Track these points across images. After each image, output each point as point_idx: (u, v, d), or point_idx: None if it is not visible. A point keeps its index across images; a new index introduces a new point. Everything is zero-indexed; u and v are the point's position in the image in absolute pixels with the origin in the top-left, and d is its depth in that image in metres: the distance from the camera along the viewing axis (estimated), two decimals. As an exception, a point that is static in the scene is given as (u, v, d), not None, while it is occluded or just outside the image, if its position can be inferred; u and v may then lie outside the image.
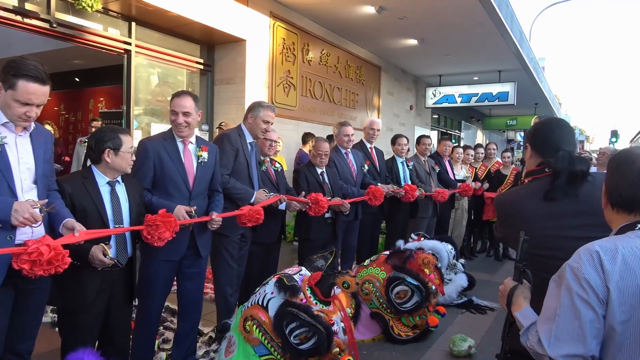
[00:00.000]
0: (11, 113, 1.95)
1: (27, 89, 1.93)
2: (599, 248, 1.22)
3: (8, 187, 1.93)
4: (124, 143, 2.43)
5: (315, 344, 2.48)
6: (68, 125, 9.99)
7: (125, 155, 2.44)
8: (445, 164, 6.24)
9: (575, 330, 1.18)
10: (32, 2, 4.96)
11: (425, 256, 3.82)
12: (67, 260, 1.88)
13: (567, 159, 1.69)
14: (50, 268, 1.81)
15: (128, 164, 2.48)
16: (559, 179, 1.68)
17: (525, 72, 11.96)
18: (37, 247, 1.78)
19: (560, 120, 1.89)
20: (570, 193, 1.67)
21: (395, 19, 8.06)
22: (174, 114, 2.78)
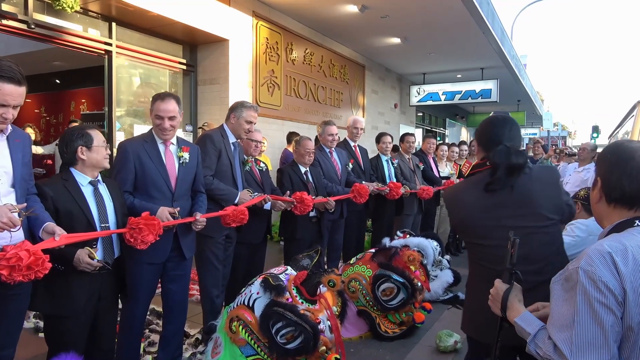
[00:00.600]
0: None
1: (3, 90, 1.90)
2: (610, 249, 1.18)
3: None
4: (95, 137, 2.38)
5: (301, 343, 2.48)
6: (49, 127, 9.84)
7: (99, 149, 2.40)
8: (430, 162, 6.28)
9: (597, 337, 1.13)
10: (8, 3, 4.87)
11: (411, 253, 3.84)
12: (47, 265, 1.85)
13: (504, 152, 1.79)
14: (30, 273, 1.78)
15: (104, 157, 2.43)
16: (498, 172, 1.77)
17: (507, 69, 12.11)
18: (16, 252, 1.75)
19: (504, 118, 1.97)
20: (507, 185, 1.77)
21: (378, 18, 8.09)
22: (158, 118, 2.74)
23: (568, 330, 1.17)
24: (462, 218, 1.90)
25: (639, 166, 1.26)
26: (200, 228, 2.84)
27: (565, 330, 1.18)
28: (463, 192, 1.93)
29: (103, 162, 2.43)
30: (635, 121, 7.33)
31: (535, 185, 1.79)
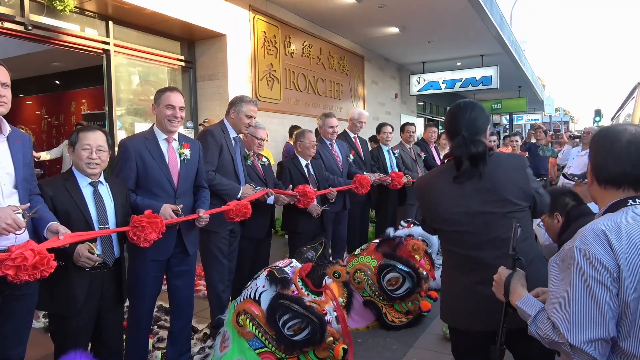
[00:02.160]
0: None
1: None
2: (603, 227, 1.20)
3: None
4: (79, 140, 2.34)
5: (309, 335, 2.49)
6: (51, 129, 9.85)
7: (79, 152, 2.32)
8: (432, 151, 6.26)
9: (593, 313, 1.15)
10: (4, 5, 4.86)
11: (415, 242, 3.85)
12: (52, 264, 1.86)
13: (462, 145, 1.81)
14: (36, 272, 1.80)
15: (83, 161, 2.32)
16: (462, 165, 1.80)
17: (507, 55, 12.03)
18: (21, 252, 1.76)
19: (461, 105, 1.95)
20: (474, 175, 1.80)
21: (375, 8, 8.05)
22: (170, 108, 2.74)
23: (565, 309, 1.19)
24: (432, 206, 1.93)
25: (622, 148, 1.29)
26: (204, 224, 2.85)
27: (562, 309, 1.20)
28: (433, 182, 1.97)
29: (84, 167, 2.33)
30: (636, 103, 7.28)
31: (501, 172, 1.82)
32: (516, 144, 6.64)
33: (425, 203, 1.99)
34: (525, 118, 28.49)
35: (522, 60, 14.27)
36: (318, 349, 2.56)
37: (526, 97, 19.22)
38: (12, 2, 4.93)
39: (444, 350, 3.35)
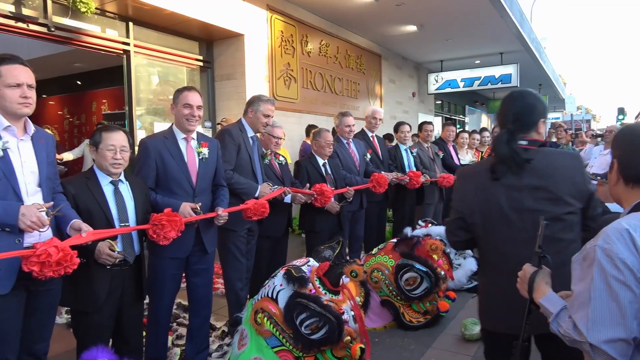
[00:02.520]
0: (9, 103, 1.97)
1: (12, 70, 1.98)
2: (628, 226, 1.17)
3: (13, 191, 1.95)
4: (103, 140, 2.37)
5: (326, 334, 2.49)
6: (72, 128, 10.04)
7: (103, 152, 2.37)
8: (450, 150, 6.21)
9: (614, 313, 1.12)
10: (29, 7, 4.97)
11: (433, 242, 3.82)
12: (75, 260, 1.90)
13: (499, 141, 1.75)
14: (60, 269, 1.84)
15: (108, 162, 2.37)
16: (501, 160, 1.74)
17: (527, 53, 11.86)
18: (45, 249, 1.80)
19: (513, 94, 1.87)
20: (511, 172, 1.73)
21: (392, 6, 8.00)
22: (187, 107, 2.77)
23: (585, 308, 1.17)
24: (475, 200, 1.81)
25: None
26: (222, 223, 2.87)
27: (583, 308, 1.18)
28: (479, 174, 1.85)
29: (108, 167, 2.38)
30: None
31: (554, 169, 1.73)
32: None
33: (467, 196, 1.86)
34: (545, 117, 27.98)
35: (542, 57, 14.05)
36: (335, 348, 2.56)
37: (547, 95, 18.92)
38: (35, 4, 5.04)
39: (462, 351, 3.32)
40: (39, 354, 2.17)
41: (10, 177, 1.95)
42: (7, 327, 1.98)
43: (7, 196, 1.93)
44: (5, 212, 1.86)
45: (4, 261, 1.89)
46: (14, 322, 2.01)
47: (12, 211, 1.86)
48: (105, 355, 1.96)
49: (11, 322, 2.00)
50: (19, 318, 2.03)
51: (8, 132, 1.99)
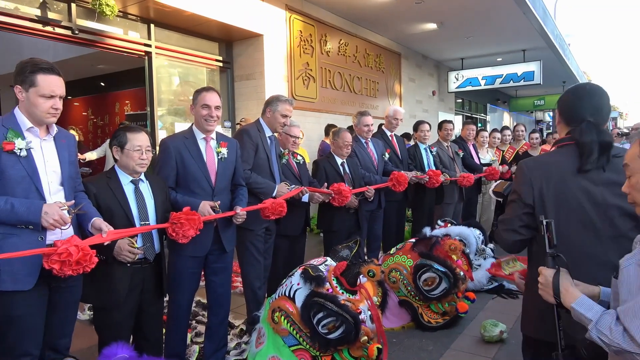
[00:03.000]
0: (39, 111, 2.02)
1: (48, 81, 2.02)
2: None
3: (36, 190, 2.01)
4: (129, 140, 2.42)
5: (343, 333, 2.49)
6: (96, 129, 10.26)
7: (130, 153, 2.41)
8: (470, 149, 6.13)
9: None
10: (53, 11, 5.10)
11: (452, 242, 3.78)
12: (94, 260, 1.94)
13: (591, 131, 1.67)
14: (79, 268, 1.88)
15: (135, 162, 2.42)
16: (591, 152, 1.65)
17: (550, 50, 11.62)
18: (66, 247, 1.85)
19: (590, 88, 1.81)
20: (602, 164, 1.66)
21: (412, 4, 7.94)
22: (206, 108, 2.81)
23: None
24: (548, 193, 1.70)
25: None
26: (241, 221, 2.89)
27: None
28: (552, 166, 1.74)
29: (135, 167, 2.43)
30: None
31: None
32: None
33: (538, 189, 1.73)
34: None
35: (566, 54, 13.75)
36: (352, 348, 2.56)
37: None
38: (60, 8, 5.17)
39: (481, 353, 3.28)
40: (61, 349, 2.23)
41: (34, 176, 2.01)
42: (30, 323, 2.04)
43: (30, 195, 1.99)
44: (29, 210, 1.92)
45: (27, 258, 1.95)
46: (37, 317, 2.07)
47: (35, 209, 1.92)
48: (125, 351, 2.00)
49: (34, 317, 2.05)
50: (42, 314, 2.09)
51: (31, 133, 2.05)
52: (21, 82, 2.01)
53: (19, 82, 2.01)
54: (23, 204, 1.92)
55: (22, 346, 2.04)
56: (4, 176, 1.95)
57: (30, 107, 2.02)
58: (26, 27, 4.91)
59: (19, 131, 2.00)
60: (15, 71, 2.03)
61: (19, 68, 2.02)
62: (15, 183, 1.97)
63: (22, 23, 4.85)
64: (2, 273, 1.93)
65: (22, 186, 1.98)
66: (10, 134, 1.97)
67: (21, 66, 2.02)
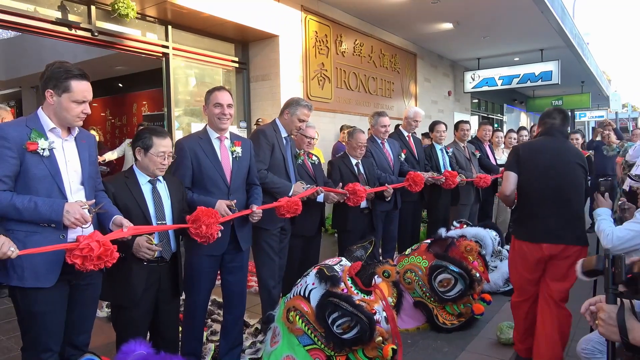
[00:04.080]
0: (70, 115, 2.08)
1: (81, 87, 2.09)
2: None
3: (58, 189, 2.06)
4: (154, 145, 2.45)
5: (358, 333, 2.49)
6: (114, 129, 10.42)
7: (154, 158, 2.45)
8: (486, 149, 6.07)
9: None
10: (73, 13, 5.19)
11: (468, 243, 3.75)
12: (115, 255, 1.98)
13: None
14: (100, 263, 1.92)
15: (156, 167, 2.47)
16: None
17: (569, 49, 11.45)
18: (87, 242, 1.89)
19: None
20: None
21: (428, 4, 7.90)
22: (218, 106, 2.83)
23: None
24: None
25: None
26: (257, 220, 2.91)
27: None
28: None
29: (155, 171, 2.48)
30: None
31: None
32: (577, 142, 6.27)
33: None
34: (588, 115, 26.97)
35: (585, 54, 13.53)
36: (367, 348, 2.56)
37: (589, 93, 18.21)
38: (80, 10, 5.26)
39: (497, 356, 3.25)
40: (81, 345, 2.27)
41: (56, 176, 2.06)
42: (51, 319, 2.08)
43: (52, 193, 2.04)
44: (51, 209, 1.96)
45: (49, 256, 1.99)
46: (58, 314, 2.11)
47: (57, 208, 1.96)
48: (143, 348, 2.03)
49: (55, 314, 2.10)
50: (62, 311, 2.14)
51: (53, 133, 2.10)
52: (53, 87, 2.05)
53: (50, 87, 2.05)
54: (46, 202, 1.97)
55: (43, 342, 2.08)
56: (27, 175, 2.00)
57: (61, 111, 2.07)
58: (47, 30, 5.01)
59: (41, 131, 2.05)
60: (47, 75, 2.06)
61: (50, 73, 2.06)
62: (38, 182, 2.01)
63: (43, 25, 4.96)
64: (25, 270, 1.98)
65: (45, 185, 2.03)
66: (33, 134, 2.01)
67: (55, 72, 2.05)
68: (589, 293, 3.39)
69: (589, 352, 2.24)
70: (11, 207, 1.93)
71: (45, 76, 2.06)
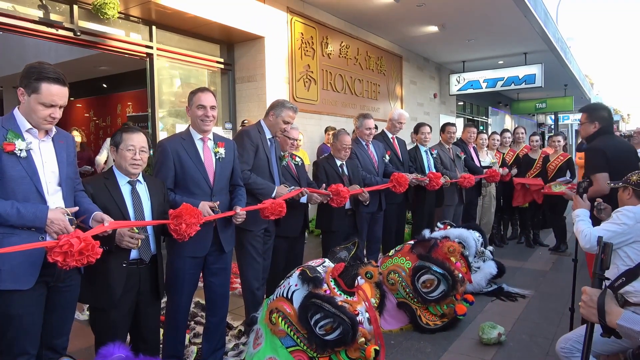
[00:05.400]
0: (37, 117, 2.03)
1: (51, 90, 2.02)
2: None
3: (36, 190, 2.03)
4: (123, 140, 2.43)
5: (340, 334, 2.49)
6: (98, 130, 10.29)
7: (123, 152, 2.42)
8: (471, 151, 6.13)
9: None
10: (56, 12, 5.13)
11: (451, 244, 3.78)
12: (98, 250, 1.95)
13: None
14: (82, 258, 1.89)
15: (127, 162, 2.43)
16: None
17: (552, 53, 11.63)
18: (67, 239, 1.87)
19: None
20: None
21: (413, 6, 7.96)
22: (201, 108, 2.81)
23: None
24: None
25: None
26: (240, 221, 2.90)
27: None
28: None
29: (127, 167, 2.44)
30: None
31: None
32: (559, 145, 6.38)
33: None
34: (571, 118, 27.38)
35: (568, 57, 13.76)
36: (349, 350, 2.56)
37: (572, 96, 18.49)
38: (62, 9, 5.19)
39: (479, 355, 3.28)
40: (59, 349, 2.24)
41: (33, 177, 2.03)
42: (28, 322, 2.05)
43: (30, 195, 2.01)
44: (35, 217, 1.95)
45: (27, 257, 1.97)
46: (35, 316, 2.08)
47: (41, 215, 1.95)
48: (122, 351, 2.01)
49: (32, 316, 2.06)
50: (40, 313, 2.10)
51: (30, 134, 2.06)
52: (25, 86, 2.02)
53: (22, 85, 2.02)
54: (29, 209, 1.95)
55: (19, 345, 2.05)
56: (4, 177, 1.96)
57: (29, 111, 2.04)
58: (28, 29, 4.94)
59: (18, 132, 2.02)
60: (22, 73, 2.03)
61: (25, 71, 2.02)
62: (16, 184, 1.98)
63: (25, 25, 4.88)
64: (2, 272, 1.94)
65: (22, 187, 1.99)
66: (10, 134, 1.98)
67: (29, 71, 2.02)
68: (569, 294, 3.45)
69: (568, 350, 2.27)
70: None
71: (21, 74, 2.03)
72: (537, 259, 6.00)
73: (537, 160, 6.54)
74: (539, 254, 6.23)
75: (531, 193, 6.34)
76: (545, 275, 5.24)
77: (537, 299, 4.41)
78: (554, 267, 5.58)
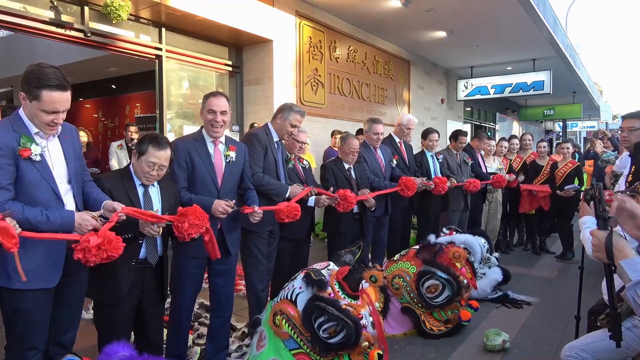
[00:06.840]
0: (39, 122, 2.01)
1: (52, 98, 1.96)
2: None
3: (53, 192, 2.05)
4: (147, 153, 2.39)
5: (343, 338, 2.49)
6: (107, 131, 10.37)
7: (142, 165, 2.41)
8: (478, 158, 6.12)
9: None
10: (66, 13, 5.18)
11: (456, 250, 3.77)
12: (119, 244, 1.96)
13: None
14: (101, 252, 1.91)
15: (143, 174, 2.42)
16: None
17: (561, 59, 11.59)
18: (86, 237, 1.90)
19: None
20: None
21: (422, 12, 7.97)
22: (211, 113, 2.82)
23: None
24: None
25: None
26: (258, 220, 2.92)
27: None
28: None
29: (141, 178, 2.44)
30: None
31: None
32: (567, 152, 6.33)
33: None
34: (580, 125, 27.25)
35: (577, 64, 13.70)
36: (353, 353, 2.56)
37: (581, 103, 18.40)
38: (73, 10, 5.25)
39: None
40: (66, 344, 2.25)
41: (50, 180, 2.04)
42: (37, 317, 2.07)
43: (49, 198, 2.03)
44: (63, 222, 1.97)
45: (50, 258, 2.02)
46: (44, 312, 2.10)
47: (68, 221, 1.98)
48: (126, 349, 2.01)
49: (41, 311, 2.08)
50: (48, 308, 2.12)
51: (39, 136, 2.05)
52: (25, 92, 1.98)
53: (23, 91, 1.98)
54: (56, 215, 1.97)
55: (28, 340, 2.06)
56: (23, 181, 1.96)
57: (32, 116, 2.01)
58: (39, 29, 4.99)
59: (29, 135, 2.01)
60: (22, 77, 1.98)
61: (25, 76, 1.97)
62: (35, 188, 1.99)
63: (36, 25, 4.94)
64: (28, 273, 1.90)
65: (42, 190, 2.01)
66: (23, 139, 1.97)
67: (28, 77, 1.96)
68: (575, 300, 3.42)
69: (573, 358, 2.25)
70: (24, 220, 1.88)
71: (22, 78, 1.98)
72: (543, 266, 5.96)
73: (545, 167, 6.50)
74: (545, 261, 6.19)
75: (538, 199, 6.31)
76: (551, 282, 5.20)
77: (542, 306, 4.38)
78: (560, 274, 5.55)
